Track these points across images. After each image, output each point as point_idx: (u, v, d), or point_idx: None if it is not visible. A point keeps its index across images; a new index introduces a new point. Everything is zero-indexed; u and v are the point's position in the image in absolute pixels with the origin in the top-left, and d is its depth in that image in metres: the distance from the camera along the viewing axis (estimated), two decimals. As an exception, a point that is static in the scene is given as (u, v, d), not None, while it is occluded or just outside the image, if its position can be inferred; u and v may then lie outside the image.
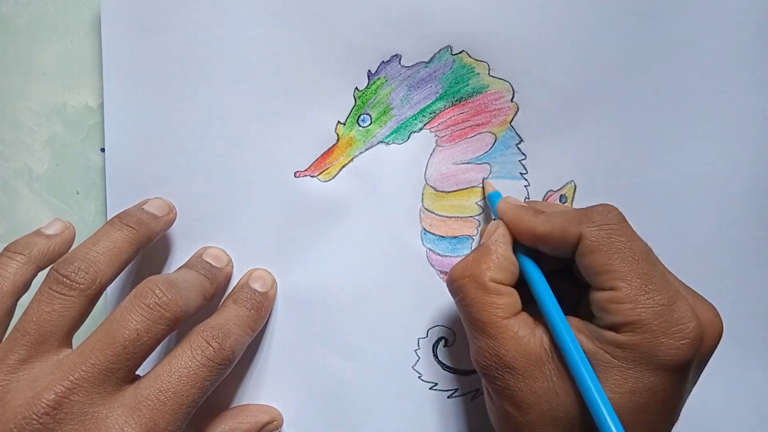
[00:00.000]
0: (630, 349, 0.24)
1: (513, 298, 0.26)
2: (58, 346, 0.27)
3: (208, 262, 0.31)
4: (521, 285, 0.27)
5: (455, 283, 0.27)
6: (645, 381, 0.23)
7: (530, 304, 0.27)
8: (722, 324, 0.25)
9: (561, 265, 0.28)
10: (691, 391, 0.25)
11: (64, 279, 0.27)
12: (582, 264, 0.25)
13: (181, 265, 0.32)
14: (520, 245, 0.28)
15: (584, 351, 0.24)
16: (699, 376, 0.25)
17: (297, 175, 0.32)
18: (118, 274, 0.29)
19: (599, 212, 0.26)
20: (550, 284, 0.27)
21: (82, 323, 0.28)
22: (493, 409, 0.27)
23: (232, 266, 0.33)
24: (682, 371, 0.24)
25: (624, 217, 0.26)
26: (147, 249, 0.31)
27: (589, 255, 0.25)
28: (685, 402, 0.25)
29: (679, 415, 0.25)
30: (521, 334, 0.25)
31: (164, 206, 0.32)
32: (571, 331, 0.25)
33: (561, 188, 0.32)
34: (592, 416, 0.23)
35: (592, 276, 0.25)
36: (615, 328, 0.24)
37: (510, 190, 0.32)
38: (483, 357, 0.26)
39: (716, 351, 0.25)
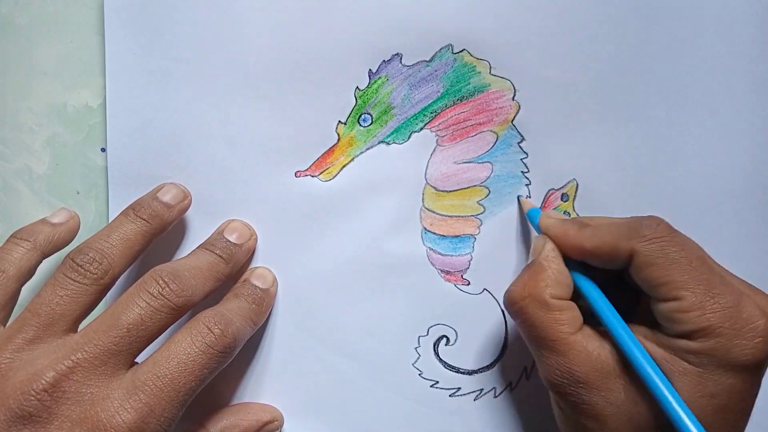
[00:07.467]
0: (705, 354, 0.24)
1: (575, 312, 0.26)
2: (66, 330, 0.27)
3: (227, 240, 0.31)
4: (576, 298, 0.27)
5: (516, 306, 0.27)
6: (724, 383, 0.23)
7: (589, 317, 0.27)
8: None
9: (613, 273, 0.28)
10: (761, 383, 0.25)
11: (79, 267, 0.27)
12: (639, 278, 0.25)
13: (201, 243, 0.32)
14: (569, 259, 0.28)
15: (656, 359, 0.24)
16: None
17: (297, 174, 0.32)
18: (131, 264, 0.29)
19: (648, 225, 0.25)
20: (605, 295, 0.26)
21: (91, 311, 0.28)
22: (568, 424, 0.27)
23: (256, 239, 0.33)
24: (759, 369, 0.24)
25: (672, 227, 0.26)
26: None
27: (645, 269, 0.25)
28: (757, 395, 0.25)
29: (752, 409, 0.25)
30: (590, 349, 0.25)
31: (179, 194, 0.32)
32: (638, 342, 0.25)
33: (563, 186, 0.32)
34: (672, 423, 0.23)
35: (652, 288, 0.25)
36: (686, 336, 0.24)
37: (510, 190, 0.32)
38: (554, 375, 0.26)
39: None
